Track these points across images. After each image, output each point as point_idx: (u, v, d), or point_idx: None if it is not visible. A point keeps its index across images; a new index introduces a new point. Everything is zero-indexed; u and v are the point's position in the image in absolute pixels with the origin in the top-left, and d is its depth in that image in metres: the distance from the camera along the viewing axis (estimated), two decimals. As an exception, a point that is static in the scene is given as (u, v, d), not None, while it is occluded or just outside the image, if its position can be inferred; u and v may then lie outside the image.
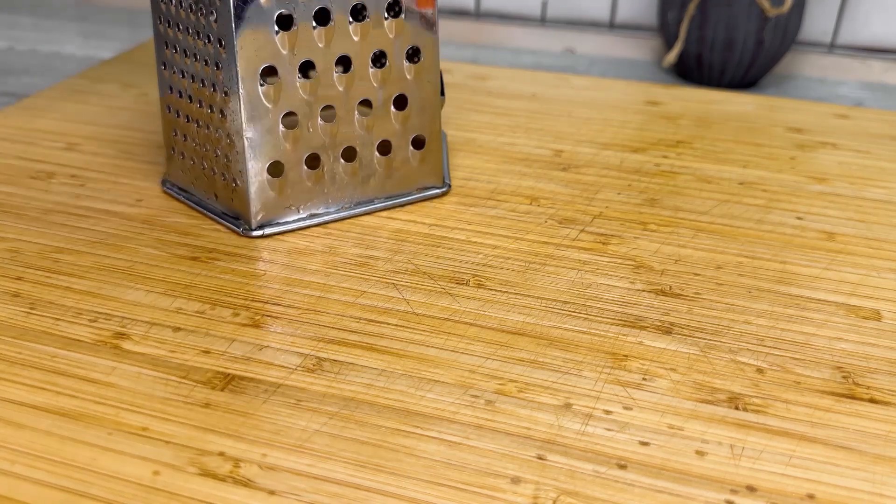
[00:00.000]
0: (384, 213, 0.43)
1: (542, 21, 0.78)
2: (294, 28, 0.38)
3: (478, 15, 0.79)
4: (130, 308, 0.35)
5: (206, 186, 0.42)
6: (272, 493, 0.26)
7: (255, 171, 0.39)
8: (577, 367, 0.32)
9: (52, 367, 0.31)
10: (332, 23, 0.38)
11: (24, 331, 0.33)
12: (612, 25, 0.76)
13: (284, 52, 0.38)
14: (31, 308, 0.35)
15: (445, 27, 0.79)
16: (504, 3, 0.78)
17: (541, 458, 0.28)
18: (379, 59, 0.41)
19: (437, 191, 0.45)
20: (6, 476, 0.26)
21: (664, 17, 0.68)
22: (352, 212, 0.43)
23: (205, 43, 0.38)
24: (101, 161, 0.48)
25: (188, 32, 0.39)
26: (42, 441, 0.28)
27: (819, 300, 0.37)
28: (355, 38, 0.39)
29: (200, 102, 0.40)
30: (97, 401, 0.30)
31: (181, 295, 0.36)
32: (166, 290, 0.36)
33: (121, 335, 0.33)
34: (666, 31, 0.69)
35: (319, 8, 0.38)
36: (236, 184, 0.40)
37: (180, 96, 0.42)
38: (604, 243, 0.41)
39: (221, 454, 0.27)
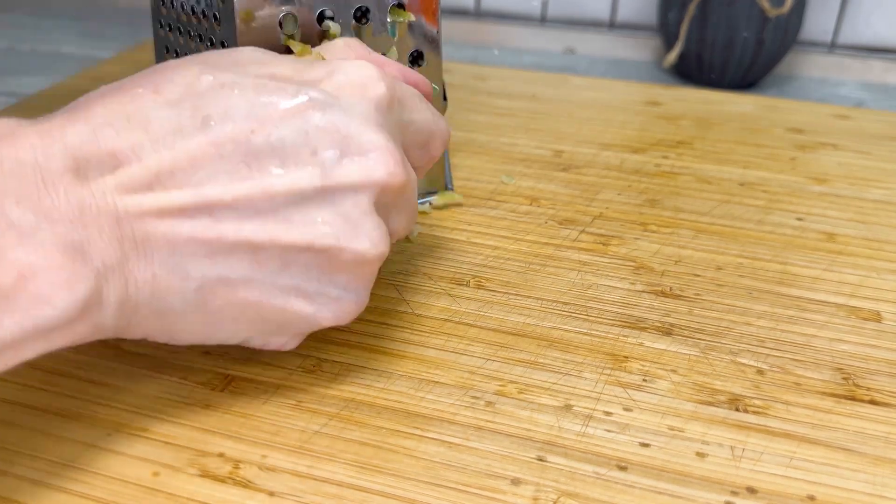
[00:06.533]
0: (384, 214, 0.43)
1: (542, 21, 0.78)
2: (297, 30, 0.38)
3: (478, 15, 0.79)
4: (130, 308, 0.35)
5: None
6: (272, 494, 0.26)
7: None
8: (578, 368, 0.32)
9: (52, 367, 0.31)
10: None
11: (23, 331, 0.33)
12: (612, 25, 0.76)
13: (285, 52, 0.38)
14: (30, 308, 0.35)
15: (445, 27, 0.79)
16: (504, 3, 0.78)
17: (541, 460, 0.27)
18: (382, 63, 0.41)
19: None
20: (6, 476, 0.26)
21: (664, 17, 0.68)
22: None
23: (207, 46, 0.38)
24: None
25: (189, 36, 0.39)
26: (42, 441, 0.28)
27: (819, 301, 0.37)
28: None
29: None
30: (97, 401, 0.30)
31: (181, 295, 0.36)
32: (166, 291, 0.36)
33: (121, 336, 0.33)
34: (666, 31, 0.69)
35: (322, 11, 0.38)
36: None
37: None
38: (604, 244, 0.41)
39: (221, 455, 0.27)
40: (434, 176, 0.44)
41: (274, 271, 0.26)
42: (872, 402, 0.31)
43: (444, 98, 0.44)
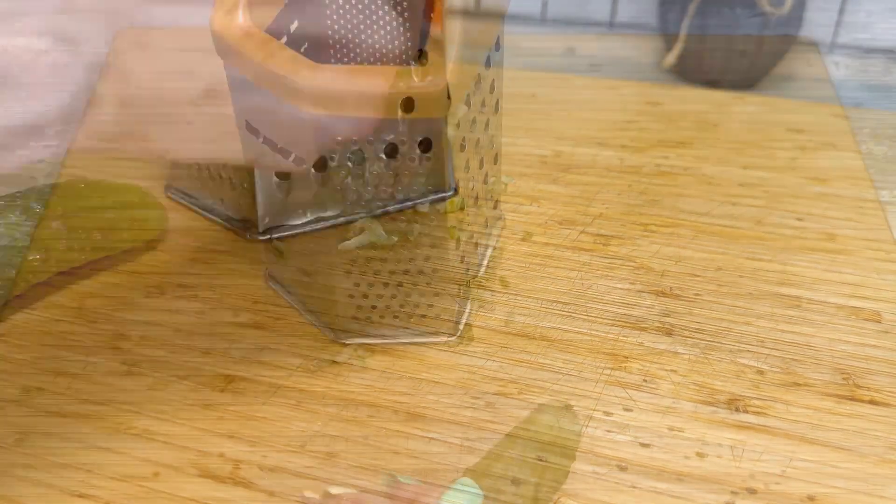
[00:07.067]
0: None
1: (542, 21, 0.78)
2: None
3: (478, 15, 0.79)
4: (130, 309, 0.35)
5: (212, 191, 0.42)
6: (272, 494, 0.26)
7: (264, 174, 0.39)
8: (578, 368, 0.32)
9: (54, 367, 0.31)
10: None
11: (24, 331, 0.33)
12: (612, 25, 0.76)
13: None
14: (31, 309, 0.35)
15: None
16: (504, 3, 0.78)
17: (541, 460, 0.27)
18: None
19: (444, 195, 0.45)
20: (7, 476, 0.26)
21: (664, 17, 0.68)
22: (358, 216, 0.42)
23: None
24: (104, 165, 0.48)
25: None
26: (42, 441, 0.28)
27: (819, 301, 0.37)
28: None
29: None
30: (97, 401, 0.30)
31: (182, 296, 0.36)
32: (166, 291, 0.36)
33: (121, 336, 0.33)
34: (666, 31, 0.69)
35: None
36: (244, 188, 0.40)
37: None
38: (604, 244, 0.41)
39: (222, 455, 0.27)
40: (440, 175, 0.44)
41: None
42: (872, 403, 0.31)
43: (448, 97, 0.44)
